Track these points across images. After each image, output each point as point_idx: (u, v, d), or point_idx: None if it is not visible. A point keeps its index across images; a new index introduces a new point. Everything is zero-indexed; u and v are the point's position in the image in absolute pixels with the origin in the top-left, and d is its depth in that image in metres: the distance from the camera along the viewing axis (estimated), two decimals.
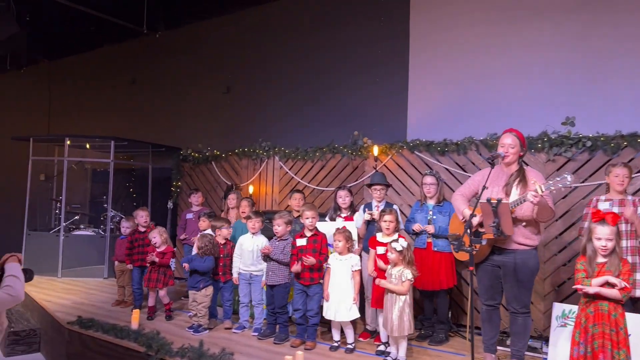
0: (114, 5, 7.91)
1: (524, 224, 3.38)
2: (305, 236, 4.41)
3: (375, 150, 5.55)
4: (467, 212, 3.57)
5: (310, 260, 4.19)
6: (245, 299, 4.78)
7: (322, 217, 4.90)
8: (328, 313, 4.19)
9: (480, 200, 3.25)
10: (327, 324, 4.53)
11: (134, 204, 8.55)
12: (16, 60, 9.99)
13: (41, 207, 8.72)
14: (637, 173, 4.17)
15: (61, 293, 6.21)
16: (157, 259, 4.99)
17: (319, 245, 4.36)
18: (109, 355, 4.33)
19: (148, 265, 5.17)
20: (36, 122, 10.83)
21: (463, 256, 3.93)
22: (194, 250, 4.96)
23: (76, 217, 8.00)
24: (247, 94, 7.69)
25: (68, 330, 4.70)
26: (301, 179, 6.36)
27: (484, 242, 3.21)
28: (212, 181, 7.34)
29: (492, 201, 3.14)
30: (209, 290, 4.77)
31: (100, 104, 9.90)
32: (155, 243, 5.07)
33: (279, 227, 4.53)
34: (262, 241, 4.77)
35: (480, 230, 3.40)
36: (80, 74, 10.34)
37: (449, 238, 3.89)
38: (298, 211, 5.17)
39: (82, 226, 8.13)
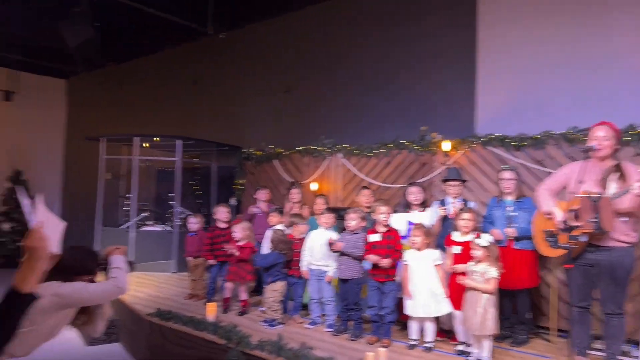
0: (179, 7, 8.13)
1: (623, 219, 3.21)
2: (379, 232, 4.38)
3: (446, 145, 5.43)
4: (554, 207, 3.43)
5: (386, 261, 4.16)
6: (316, 295, 4.80)
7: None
8: (415, 310, 4.13)
9: (577, 195, 3.11)
10: (399, 323, 4.50)
11: (198, 201, 8.80)
12: (87, 63, 10.47)
13: (110, 204, 9.09)
14: None
15: (136, 286, 6.45)
16: (236, 252, 5.07)
17: (393, 242, 4.31)
18: (189, 347, 4.46)
19: (227, 259, 5.29)
20: (105, 123, 11.32)
21: (550, 252, 3.77)
22: (264, 245, 5.03)
23: (145, 214, 8.29)
24: (308, 92, 7.72)
25: (148, 322, 4.87)
26: (365, 176, 6.32)
27: (584, 239, 3.06)
28: (275, 179, 7.43)
29: (592, 195, 2.99)
30: (277, 285, 4.81)
31: (164, 105, 10.23)
32: (235, 237, 5.18)
33: (352, 221, 4.51)
34: (333, 236, 4.77)
35: (573, 224, 3.25)
36: (145, 77, 10.72)
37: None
38: (368, 207, 5.15)
39: (149, 222, 8.42)
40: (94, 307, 2.78)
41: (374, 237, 4.37)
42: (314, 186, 6.74)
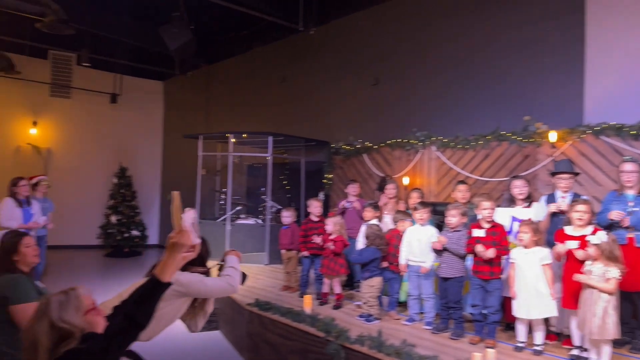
0: (269, 4, 8.31)
1: None
2: (483, 228, 4.18)
3: (552, 136, 5.07)
4: None
5: (491, 251, 3.97)
6: (415, 291, 4.70)
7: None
8: (520, 311, 3.92)
9: None
10: (502, 323, 4.29)
11: (287, 195, 8.99)
12: (183, 65, 11.07)
13: (205, 198, 9.55)
14: None
15: None
16: (331, 245, 5.10)
17: (499, 238, 4.10)
18: (288, 337, 4.55)
19: (319, 252, 5.39)
20: (197, 122, 11.93)
21: None
22: (359, 241, 5.00)
23: (238, 208, 8.62)
24: (397, 83, 7.56)
25: (248, 312, 5.05)
26: (462, 170, 6.09)
27: None
28: (364, 173, 7.39)
29: None
30: (374, 281, 4.74)
31: (253, 103, 10.55)
32: (328, 230, 5.23)
33: (453, 218, 4.36)
34: (431, 232, 4.64)
35: None
36: (235, 76, 11.13)
37: None
38: (465, 203, 4.97)
39: (242, 216, 8.74)
40: (200, 302, 2.89)
41: (478, 233, 4.18)
42: (405, 180, 6.61)
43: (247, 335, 5.04)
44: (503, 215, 4.51)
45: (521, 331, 4.00)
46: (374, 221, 5.20)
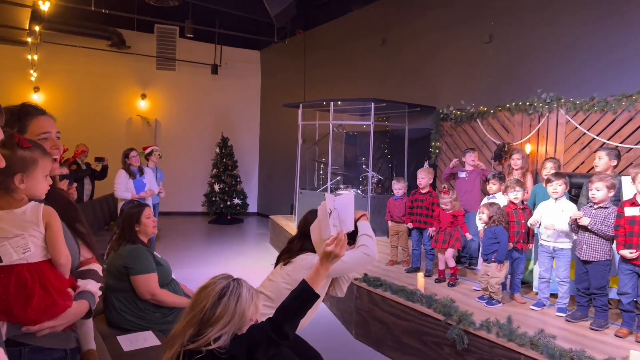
0: None
1: None
2: (639, 205, 3.53)
3: None
4: None
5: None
6: (546, 273, 4.17)
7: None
8: None
9: None
10: None
11: (389, 165, 8.60)
12: (281, 32, 10.93)
13: (304, 168, 9.46)
14: None
15: None
16: (433, 232, 4.83)
17: None
18: (401, 317, 4.27)
19: (426, 227, 5.09)
20: (294, 90, 11.82)
21: None
22: (480, 219, 4.53)
23: (338, 178, 8.42)
24: (516, 39, 6.73)
25: (356, 287, 4.84)
26: (597, 136, 5.30)
27: None
28: (477, 140, 6.78)
29: None
30: (505, 266, 4.26)
31: (351, 68, 10.17)
32: (446, 209, 4.84)
33: (598, 191, 3.74)
34: (568, 207, 4.06)
35: None
36: (332, 40, 10.77)
37: None
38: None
39: (342, 186, 8.53)
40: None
41: (632, 211, 3.55)
42: (527, 149, 5.93)
43: (356, 311, 4.84)
44: None
45: None
46: (499, 195, 4.69)
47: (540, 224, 4.13)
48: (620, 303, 3.62)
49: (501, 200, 4.67)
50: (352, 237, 2.66)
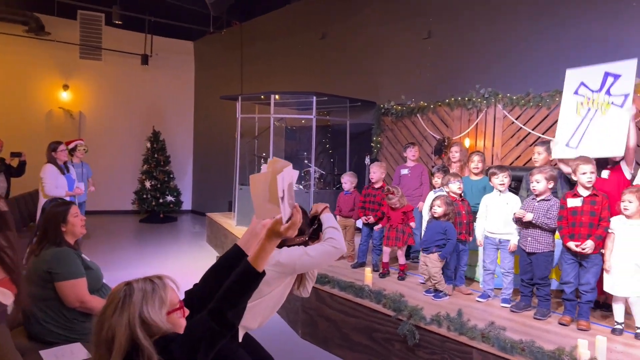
0: None
1: None
2: (580, 196, 3.64)
3: None
4: None
5: (589, 245, 3.45)
6: (491, 265, 4.22)
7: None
8: (615, 288, 3.45)
9: None
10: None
11: (331, 160, 8.51)
12: (217, 23, 10.51)
13: (243, 163, 9.16)
14: None
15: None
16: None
17: (599, 208, 3.56)
18: (350, 314, 4.17)
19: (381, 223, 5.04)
20: (230, 82, 11.44)
21: None
22: (425, 214, 4.53)
23: None
24: (455, 36, 6.84)
25: None
26: (532, 130, 5.48)
27: None
28: (418, 135, 6.84)
29: None
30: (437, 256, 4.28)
31: (290, 62, 9.97)
32: (394, 205, 4.78)
33: (538, 183, 3.83)
34: (512, 200, 4.13)
35: None
36: (271, 33, 10.50)
37: None
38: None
39: None
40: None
41: (574, 202, 3.65)
42: (466, 143, 6.05)
43: (302, 310, 4.68)
44: None
45: (618, 311, 3.52)
46: (443, 189, 4.70)
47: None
48: (563, 293, 3.71)
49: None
50: (316, 233, 2.50)
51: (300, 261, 2.32)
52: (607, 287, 3.52)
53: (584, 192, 3.62)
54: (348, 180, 5.43)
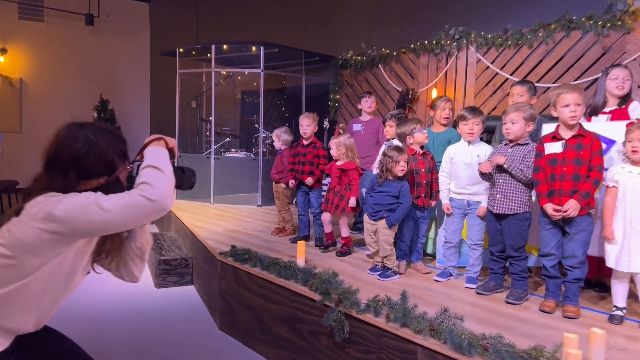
0: None
1: None
2: (562, 138, 2.69)
3: None
4: None
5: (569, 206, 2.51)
6: (454, 236, 3.28)
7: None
8: (619, 262, 2.52)
9: None
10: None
11: (287, 124, 7.49)
12: None
13: (193, 130, 8.14)
14: None
15: (213, 219, 5.39)
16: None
17: (587, 154, 2.62)
18: (271, 299, 3.22)
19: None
20: (185, 39, 10.28)
21: None
22: (375, 171, 3.56)
23: (227, 140, 7.19)
24: None
25: (221, 263, 3.71)
26: (510, 75, 4.52)
27: None
28: (380, 89, 5.85)
29: None
30: (395, 227, 3.35)
31: (245, 18, 8.85)
32: (333, 155, 3.81)
33: (514, 124, 2.88)
34: (484, 151, 3.18)
35: None
36: None
37: None
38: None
39: (233, 150, 7.33)
40: (119, 238, 1.66)
41: (553, 148, 2.70)
42: (434, 95, 5.08)
43: (220, 295, 3.73)
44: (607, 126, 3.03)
45: (620, 292, 2.60)
46: (395, 141, 3.73)
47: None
48: (543, 269, 2.79)
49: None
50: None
51: (83, 216, 1.34)
52: (610, 262, 2.59)
53: (567, 134, 2.67)
54: (276, 136, 4.45)
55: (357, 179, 3.83)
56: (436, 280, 3.25)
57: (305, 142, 4.22)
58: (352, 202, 3.79)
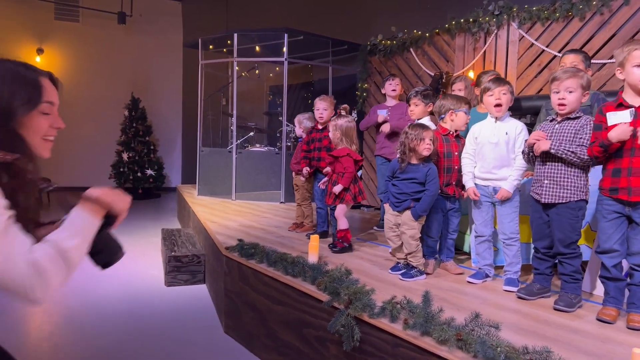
0: None
1: None
2: (631, 106, 2.16)
3: None
4: None
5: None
6: (485, 229, 2.79)
7: None
8: None
9: None
10: None
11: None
12: None
13: (209, 123, 7.86)
14: None
15: (230, 214, 5.06)
16: (329, 170, 3.37)
17: None
18: (277, 300, 2.82)
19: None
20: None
21: None
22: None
23: (251, 134, 6.87)
24: None
25: (226, 259, 3.34)
26: (558, 53, 3.97)
27: None
28: (411, 75, 5.38)
29: None
30: (423, 219, 2.89)
31: (274, 9, 8.55)
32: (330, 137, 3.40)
33: (570, 93, 2.37)
34: (514, 127, 2.68)
35: None
36: None
37: None
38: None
39: (257, 145, 7.01)
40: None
41: (619, 117, 2.18)
42: (471, 76, 4.57)
43: (225, 294, 3.36)
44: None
45: None
46: (426, 119, 3.27)
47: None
48: (602, 269, 2.27)
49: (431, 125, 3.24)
50: None
51: None
52: None
53: (636, 100, 2.15)
54: (298, 122, 4.06)
55: (352, 166, 3.39)
56: (469, 282, 2.76)
57: (320, 127, 3.81)
58: (337, 188, 3.35)
